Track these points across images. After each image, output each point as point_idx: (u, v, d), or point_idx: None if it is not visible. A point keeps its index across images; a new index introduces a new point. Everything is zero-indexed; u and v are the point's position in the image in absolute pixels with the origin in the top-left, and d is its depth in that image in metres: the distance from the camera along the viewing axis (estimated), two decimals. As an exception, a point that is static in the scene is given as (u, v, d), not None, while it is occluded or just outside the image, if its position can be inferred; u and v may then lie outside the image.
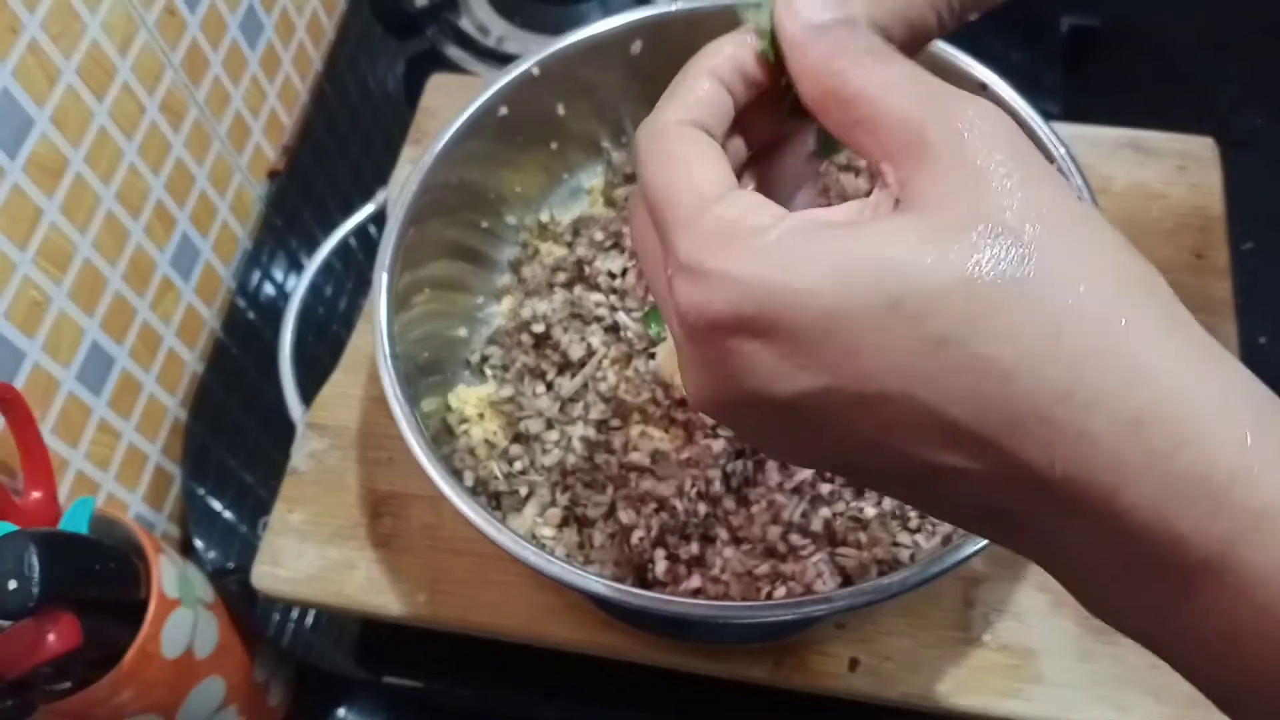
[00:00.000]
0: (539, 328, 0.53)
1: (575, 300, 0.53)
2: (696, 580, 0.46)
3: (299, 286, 0.59)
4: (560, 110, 0.56)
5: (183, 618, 0.48)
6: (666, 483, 0.47)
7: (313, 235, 0.69)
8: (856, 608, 0.39)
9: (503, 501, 0.51)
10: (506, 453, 0.51)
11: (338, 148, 0.75)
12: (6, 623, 0.41)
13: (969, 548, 0.39)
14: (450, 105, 0.54)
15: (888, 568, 0.46)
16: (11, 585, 0.39)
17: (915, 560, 0.46)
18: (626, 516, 0.47)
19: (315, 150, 0.74)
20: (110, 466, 0.57)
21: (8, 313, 0.49)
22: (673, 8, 0.53)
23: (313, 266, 0.60)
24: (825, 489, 0.47)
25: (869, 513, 0.47)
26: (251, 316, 0.67)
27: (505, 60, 0.74)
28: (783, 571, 0.46)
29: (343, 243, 0.61)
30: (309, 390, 0.57)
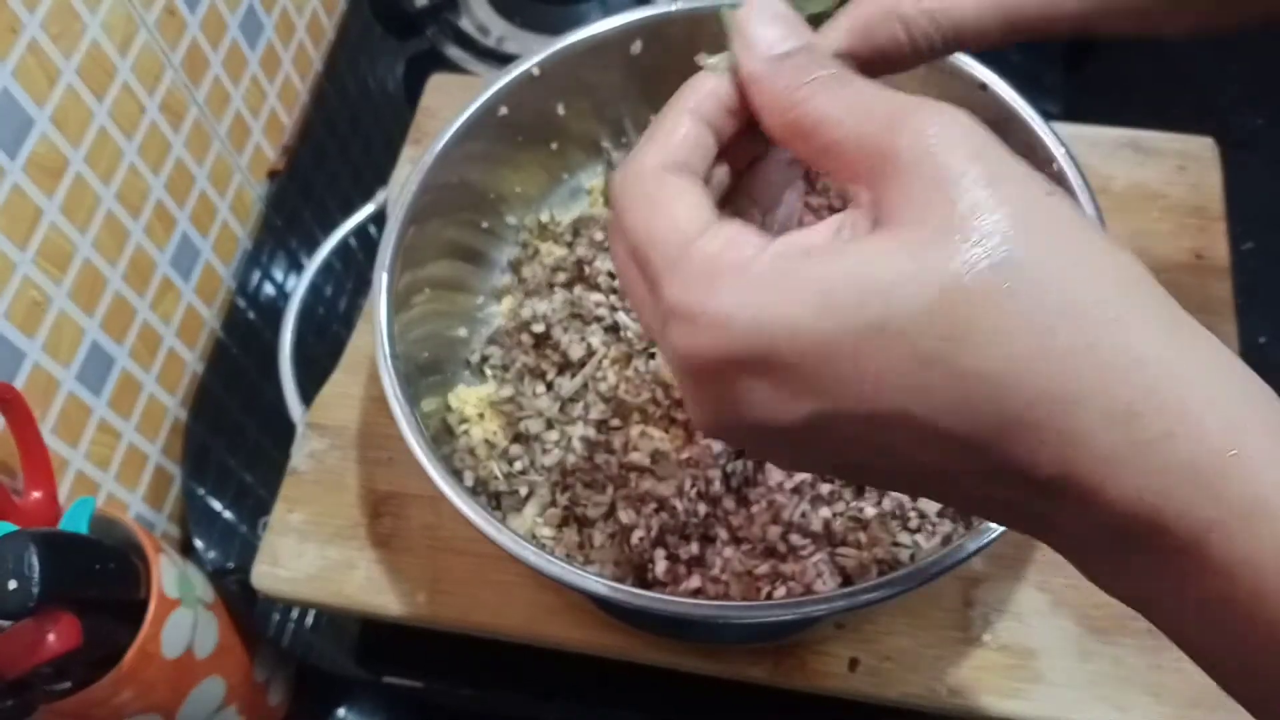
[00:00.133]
0: (539, 328, 0.53)
1: (575, 300, 0.53)
2: (696, 580, 0.46)
3: (299, 286, 0.59)
4: (560, 110, 0.56)
5: (183, 618, 0.48)
6: (666, 483, 0.47)
7: (313, 235, 0.69)
8: (856, 608, 0.39)
9: (503, 501, 0.51)
10: (506, 453, 0.51)
11: (338, 148, 0.75)
12: (6, 623, 0.41)
13: (969, 547, 0.39)
14: (450, 105, 0.54)
15: (888, 568, 0.46)
16: (11, 585, 0.39)
17: (915, 560, 0.46)
18: (626, 516, 0.47)
19: (315, 150, 0.74)
20: (110, 466, 0.57)
21: (8, 313, 0.49)
22: (673, 8, 0.53)
23: (313, 266, 0.60)
24: (825, 489, 0.47)
25: (869, 513, 0.47)
26: (251, 316, 0.67)
27: (505, 60, 0.74)
28: (783, 571, 0.46)
29: (343, 243, 0.61)
30: (309, 390, 0.57)
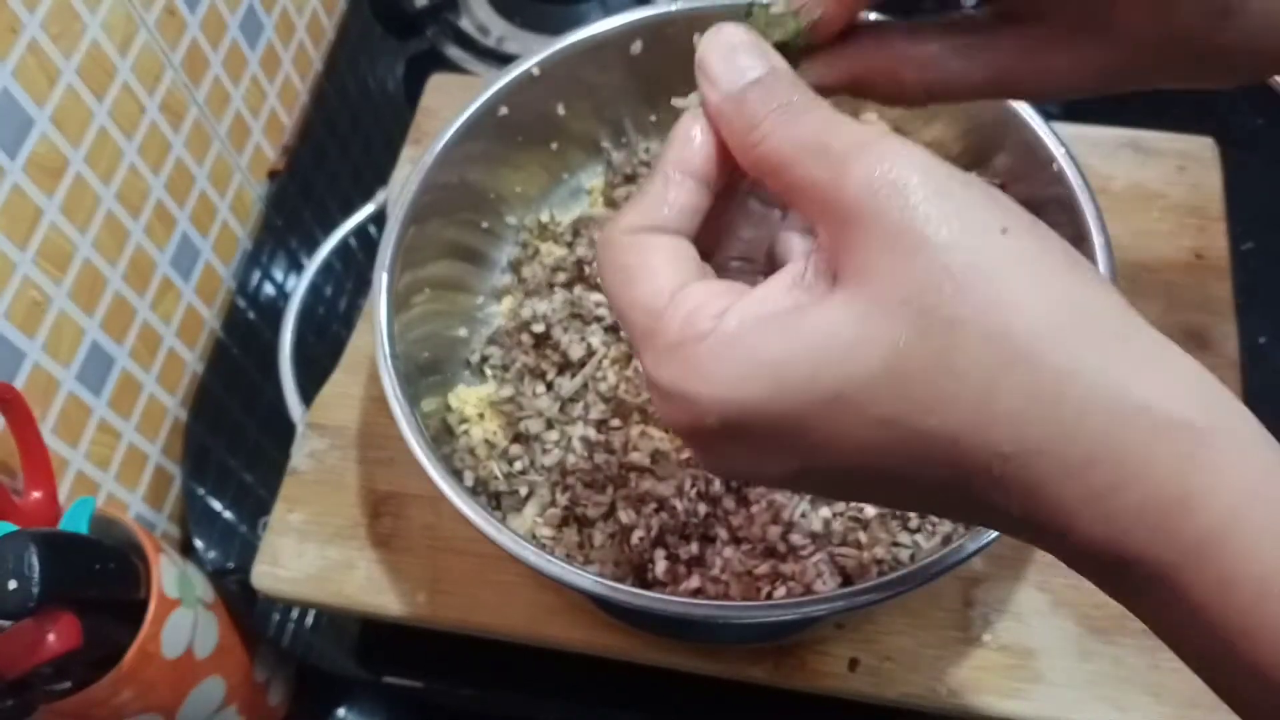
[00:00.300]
0: (539, 328, 0.53)
1: (575, 300, 0.53)
2: (696, 580, 0.46)
3: (299, 286, 0.59)
4: (560, 110, 0.56)
5: (183, 618, 0.48)
6: (666, 483, 0.47)
7: (313, 235, 0.69)
8: (856, 608, 0.39)
9: (503, 501, 0.51)
10: (506, 453, 0.51)
11: (338, 148, 0.75)
12: (6, 623, 0.41)
13: (969, 548, 0.39)
14: (450, 105, 0.54)
15: (888, 568, 0.46)
16: (11, 585, 0.39)
17: (915, 560, 0.46)
18: (626, 516, 0.47)
19: (315, 150, 0.74)
20: (110, 466, 0.57)
21: (8, 313, 0.49)
22: (673, 8, 0.53)
23: (313, 266, 0.60)
24: (825, 489, 0.47)
25: (869, 513, 0.47)
26: (251, 316, 0.67)
27: (505, 60, 0.74)
28: (783, 571, 0.46)
29: (343, 243, 0.61)
30: (309, 390, 0.57)
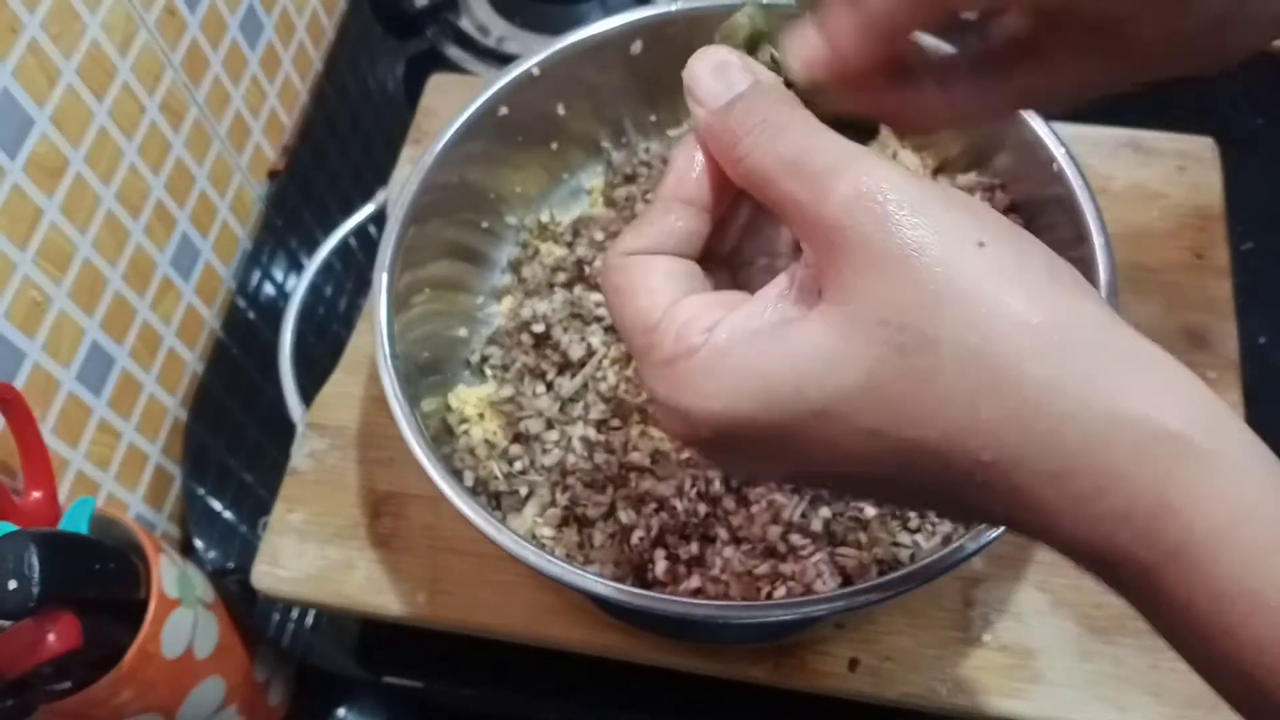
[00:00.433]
0: (539, 328, 0.53)
1: (575, 300, 0.53)
2: (696, 580, 0.46)
3: (299, 286, 0.59)
4: (560, 110, 0.56)
5: (183, 618, 0.48)
6: (666, 483, 0.47)
7: (313, 235, 0.69)
8: (856, 608, 0.39)
9: (503, 501, 0.51)
10: (506, 453, 0.51)
11: (338, 148, 0.75)
12: (6, 623, 0.41)
13: (969, 547, 0.39)
14: (450, 105, 0.54)
15: (888, 568, 0.46)
16: (11, 585, 0.39)
17: (915, 560, 0.46)
18: (626, 516, 0.47)
19: (315, 150, 0.74)
20: (110, 466, 0.57)
21: (8, 313, 0.49)
22: (673, 8, 0.53)
23: (313, 266, 0.60)
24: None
25: (869, 513, 0.47)
26: (251, 316, 0.67)
27: (505, 60, 0.74)
28: (783, 571, 0.46)
29: (343, 243, 0.61)
30: (309, 390, 0.57)
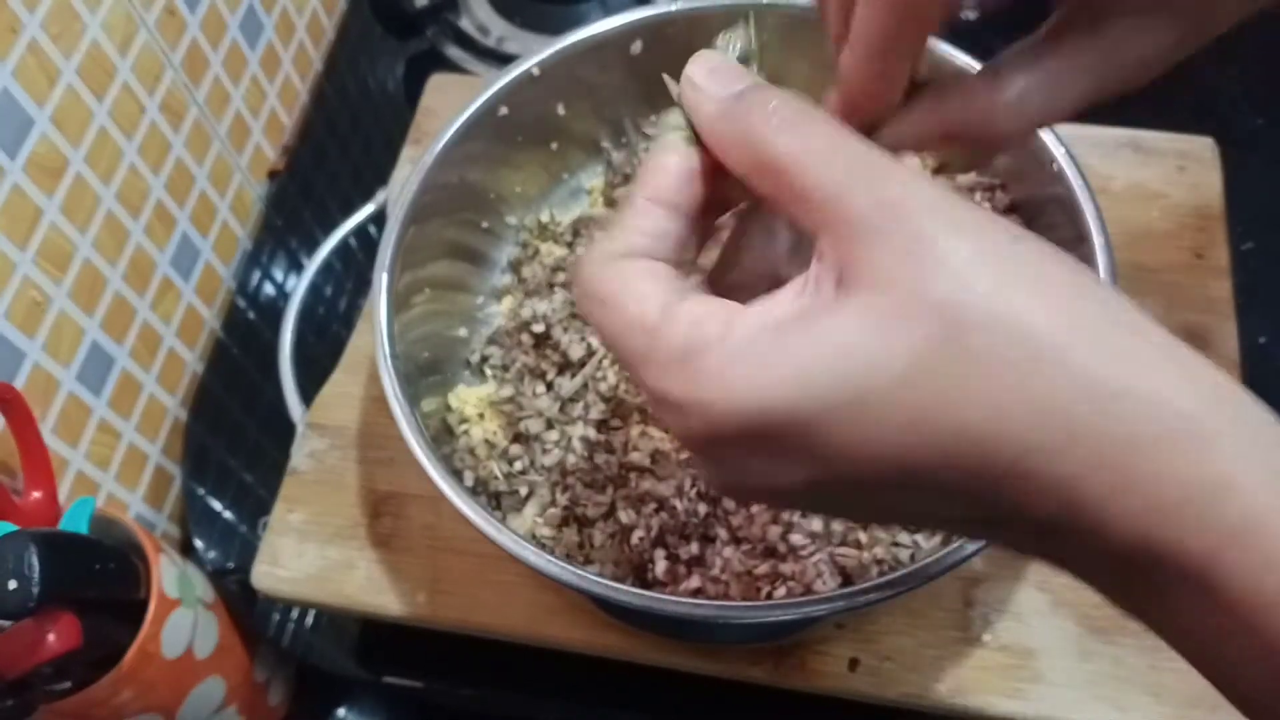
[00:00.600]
0: (539, 328, 0.53)
1: (575, 300, 0.53)
2: (696, 580, 0.46)
3: (299, 286, 0.59)
4: (560, 110, 0.56)
5: (183, 618, 0.48)
6: (666, 483, 0.47)
7: (313, 235, 0.69)
8: (856, 608, 0.39)
9: (503, 501, 0.51)
10: (506, 453, 0.51)
11: (338, 148, 0.75)
12: (6, 623, 0.41)
13: (969, 548, 0.39)
14: (450, 105, 0.54)
15: (888, 568, 0.46)
16: (11, 585, 0.39)
17: (915, 560, 0.46)
18: (626, 516, 0.47)
19: (315, 150, 0.74)
20: (110, 466, 0.57)
21: (8, 313, 0.49)
22: (673, 8, 0.53)
23: (313, 266, 0.60)
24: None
25: (869, 513, 0.47)
26: (251, 316, 0.67)
27: (505, 60, 0.74)
28: (783, 571, 0.46)
29: (343, 243, 0.61)
30: (309, 390, 0.57)
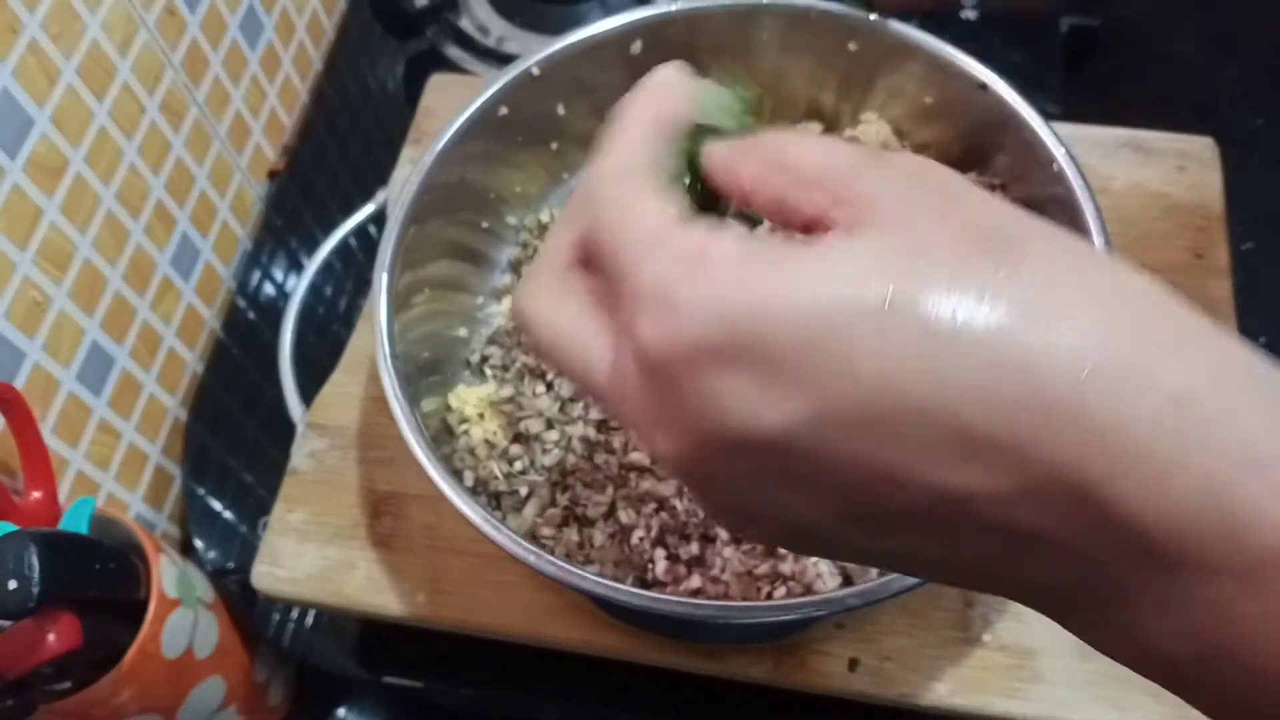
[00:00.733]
0: (539, 328, 0.53)
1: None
2: (696, 580, 0.46)
3: (299, 286, 0.59)
4: (560, 110, 0.56)
5: (183, 618, 0.48)
6: (666, 482, 0.47)
7: (313, 235, 0.69)
8: (856, 608, 0.39)
9: (503, 501, 0.51)
10: (506, 453, 0.51)
11: (338, 148, 0.75)
12: (6, 623, 0.41)
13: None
14: (450, 105, 0.54)
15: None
16: (11, 585, 0.39)
17: (915, 560, 0.46)
18: (626, 516, 0.47)
19: (315, 150, 0.74)
20: (110, 466, 0.57)
21: (8, 313, 0.49)
22: (673, 8, 0.53)
23: (313, 266, 0.60)
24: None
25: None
26: (251, 316, 0.67)
27: (505, 60, 0.74)
28: (783, 571, 0.46)
29: (343, 243, 0.61)
30: (309, 390, 0.57)
